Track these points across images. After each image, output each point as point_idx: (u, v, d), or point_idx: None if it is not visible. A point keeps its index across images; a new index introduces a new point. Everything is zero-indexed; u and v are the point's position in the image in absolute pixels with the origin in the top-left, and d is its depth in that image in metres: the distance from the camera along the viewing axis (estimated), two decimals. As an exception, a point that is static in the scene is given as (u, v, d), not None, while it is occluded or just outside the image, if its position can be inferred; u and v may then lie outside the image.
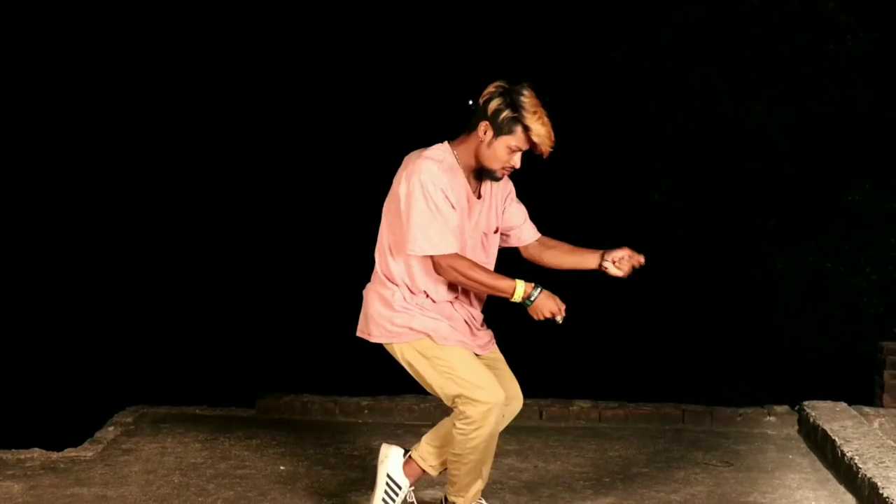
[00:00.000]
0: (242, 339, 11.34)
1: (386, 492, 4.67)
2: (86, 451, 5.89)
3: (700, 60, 10.99)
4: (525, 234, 4.78)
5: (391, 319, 4.49)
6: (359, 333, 4.64)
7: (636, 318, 10.25)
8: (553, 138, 4.35)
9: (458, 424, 4.46)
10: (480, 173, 4.48)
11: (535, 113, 4.33)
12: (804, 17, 10.69)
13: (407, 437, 6.29)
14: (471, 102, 4.37)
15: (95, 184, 11.82)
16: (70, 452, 5.86)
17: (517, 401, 4.68)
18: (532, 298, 4.33)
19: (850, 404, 6.55)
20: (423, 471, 4.73)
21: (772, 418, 6.63)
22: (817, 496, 5.28)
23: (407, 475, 4.72)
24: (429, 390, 4.59)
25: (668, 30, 11.14)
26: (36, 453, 5.83)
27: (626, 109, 11.17)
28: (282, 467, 5.69)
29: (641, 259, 4.57)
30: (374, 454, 5.91)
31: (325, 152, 12.61)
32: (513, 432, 6.24)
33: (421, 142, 4.59)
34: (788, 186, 10.65)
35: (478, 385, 4.40)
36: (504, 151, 4.37)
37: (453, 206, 4.37)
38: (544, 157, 4.39)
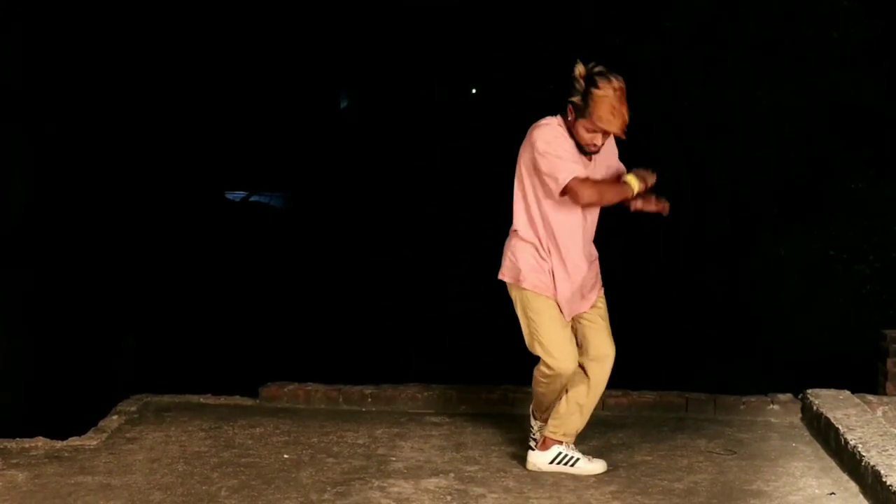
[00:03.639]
0: (246, 328, 11.37)
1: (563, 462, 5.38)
2: (90, 440, 5.89)
3: (703, 47, 10.96)
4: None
5: (515, 264, 5.24)
6: None
7: (639, 306, 10.24)
8: (623, 119, 4.96)
9: (539, 366, 5.23)
10: (582, 153, 5.10)
11: (601, 100, 4.92)
12: (806, 4, 10.66)
13: (410, 425, 6.30)
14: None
15: (99, 176, 11.82)
16: (74, 441, 5.87)
17: (603, 361, 5.26)
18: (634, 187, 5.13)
19: (853, 392, 6.53)
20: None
21: (775, 406, 6.63)
22: (820, 484, 5.28)
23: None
24: None
25: (671, 17, 11.12)
26: (40, 442, 5.84)
27: (628, 98, 11.12)
28: (285, 455, 5.70)
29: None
30: (377, 442, 5.94)
31: (326, 143, 12.62)
32: (518, 420, 6.26)
33: (423, 134, 4.68)
34: (791, 174, 10.63)
35: (552, 354, 5.13)
36: (583, 132, 5.02)
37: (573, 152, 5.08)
38: (621, 136, 5.04)
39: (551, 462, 5.37)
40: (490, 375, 7.24)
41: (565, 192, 5.02)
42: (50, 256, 11.07)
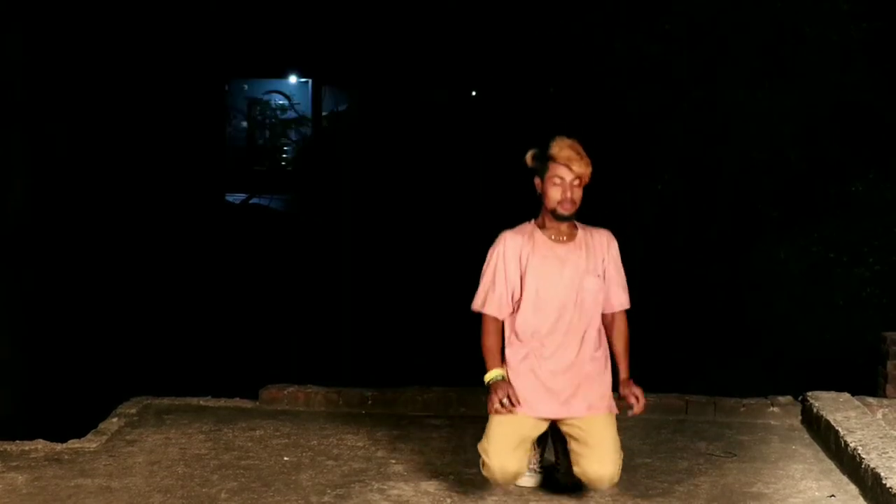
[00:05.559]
0: (246, 331, 11.37)
1: None
2: (90, 443, 5.89)
3: (703, 49, 10.97)
4: (610, 298, 5.12)
5: None
6: None
7: (639, 308, 10.24)
8: (578, 152, 4.80)
9: None
10: (558, 220, 4.89)
11: (555, 143, 4.81)
12: (807, 6, 10.67)
13: (410, 428, 6.30)
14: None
15: (100, 177, 11.83)
16: (74, 444, 5.86)
17: (600, 483, 4.95)
18: (486, 384, 4.90)
19: (853, 395, 6.53)
20: None
21: (775, 409, 6.63)
22: (820, 486, 5.28)
23: None
24: None
25: (671, 19, 11.13)
26: (40, 445, 5.83)
27: (628, 99, 11.15)
28: (285, 458, 5.70)
29: (638, 408, 5.05)
30: (377, 445, 5.93)
31: (324, 145, 12.62)
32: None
33: (420, 132, 4.69)
34: (791, 176, 10.64)
35: (485, 448, 4.86)
36: (551, 188, 4.84)
37: (507, 275, 4.94)
38: (583, 177, 4.82)
39: None
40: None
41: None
42: (50, 257, 11.08)
